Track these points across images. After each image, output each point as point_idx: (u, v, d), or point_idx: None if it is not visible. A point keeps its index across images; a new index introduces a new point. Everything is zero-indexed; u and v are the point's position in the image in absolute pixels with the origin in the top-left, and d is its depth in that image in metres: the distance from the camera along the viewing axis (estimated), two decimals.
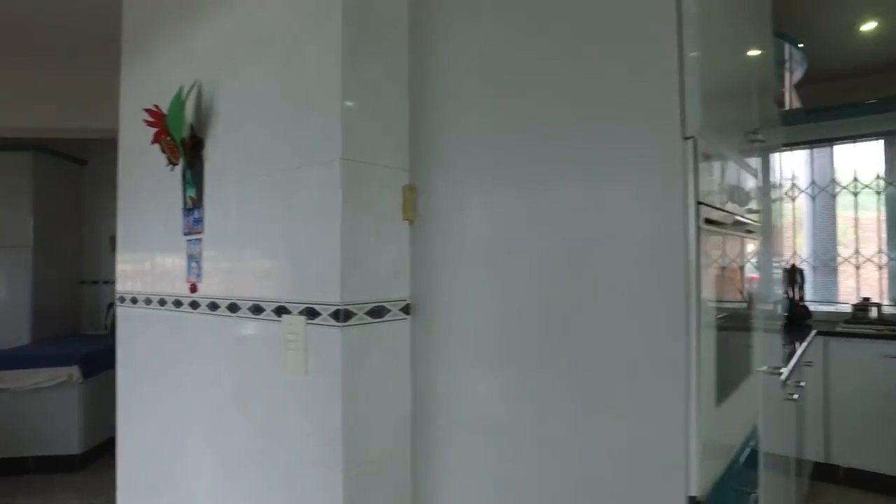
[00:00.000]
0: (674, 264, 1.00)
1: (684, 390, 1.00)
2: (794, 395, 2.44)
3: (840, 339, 3.54)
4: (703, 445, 1.01)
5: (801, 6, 3.06)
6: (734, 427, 1.27)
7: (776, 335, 1.95)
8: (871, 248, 4.08)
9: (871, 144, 4.09)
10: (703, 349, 1.01)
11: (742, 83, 1.46)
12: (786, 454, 2.48)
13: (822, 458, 3.57)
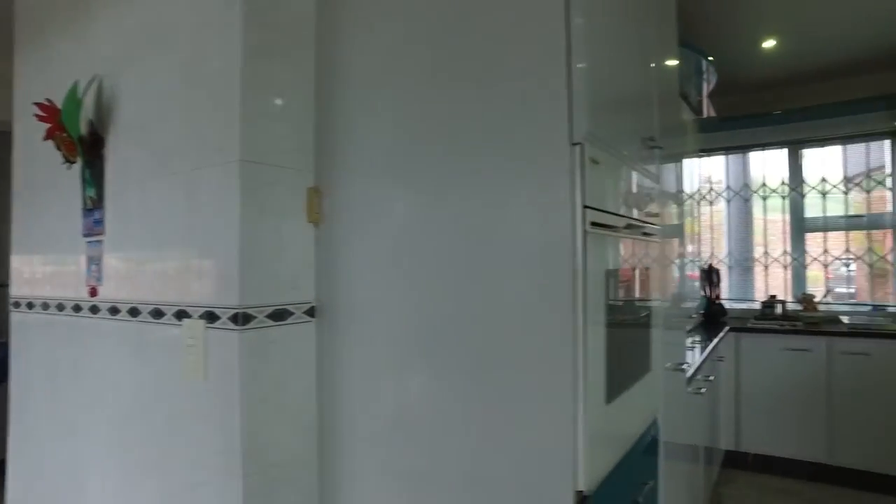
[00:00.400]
0: (561, 266, 1.04)
1: (571, 389, 1.04)
2: (702, 389, 2.57)
3: (749, 334, 3.75)
4: (591, 442, 1.06)
5: (709, 23, 3.23)
6: (629, 422, 1.33)
7: (682, 333, 2.05)
8: (779, 249, 4.35)
9: (777, 153, 4.36)
10: (590, 349, 1.05)
11: (640, 92, 1.52)
12: (695, 444, 2.61)
13: (732, 446, 3.78)
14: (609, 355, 1.16)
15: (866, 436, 3.42)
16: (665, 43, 1.99)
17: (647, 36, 1.63)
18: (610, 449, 1.19)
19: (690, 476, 2.43)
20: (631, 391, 1.31)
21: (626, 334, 1.28)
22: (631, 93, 1.41)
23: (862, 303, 4.10)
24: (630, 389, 1.31)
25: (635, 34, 1.49)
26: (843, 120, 4.05)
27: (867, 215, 4.09)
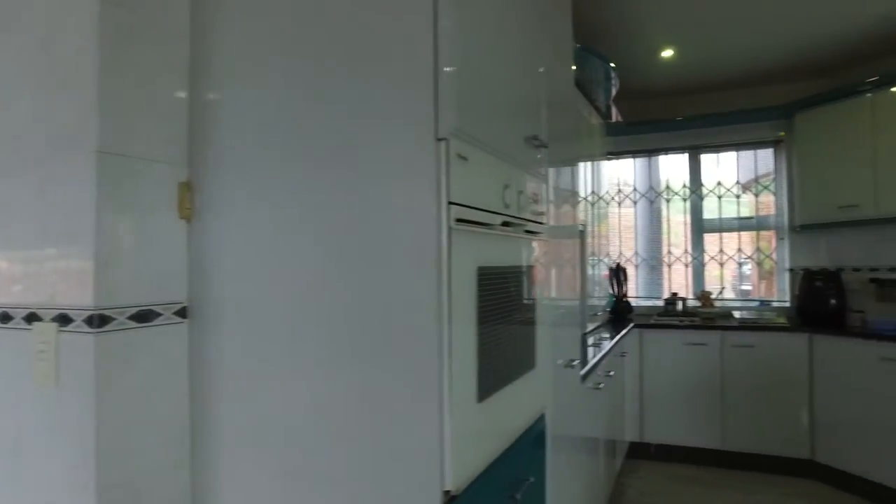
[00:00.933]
0: (425, 263, 1.03)
1: (436, 387, 1.03)
2: (601, 385, 2.66)
3: (652, 330, 3.93)
4: (459, 440, 1.05)
5: (610, 31, 3.36)
6: (508, 419, 1.34)
7: (576, 330, 2.10)
8: (682, 248, 4.59)
9: (680, 157, 4.60)
10: (456, 347, 1.05)
11: (525, 94, 1.54)
12: (595, 437, 2.70)
13: (637, 437, 3.94)
14: (481, 353, 1.16)
15: (753, 421, 3.66)
16: (559, 48, 2.04)
17: (535, 41, 1.66)
18: (484, 447, 1.19)
19: (589, 468, 2.51)
20: (510, 388, 1.32)
21: (503, 332, 1.29)
22: (512, 93, 1.42)
23: (752, 298, 4.39)
24: (509, 387, 1.32)
25: (518, 38, 1.50)
26: (735, 128, 4.32)
27: (756, 217, 4.38)
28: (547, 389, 1.66)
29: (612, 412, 3.20)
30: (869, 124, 3.55)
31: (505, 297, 1.30)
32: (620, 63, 3.73)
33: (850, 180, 3.65)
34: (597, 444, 2.72)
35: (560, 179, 2.08)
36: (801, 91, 4.02)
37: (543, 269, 1.65)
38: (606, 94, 3.73)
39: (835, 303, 3.72)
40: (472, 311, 1.13)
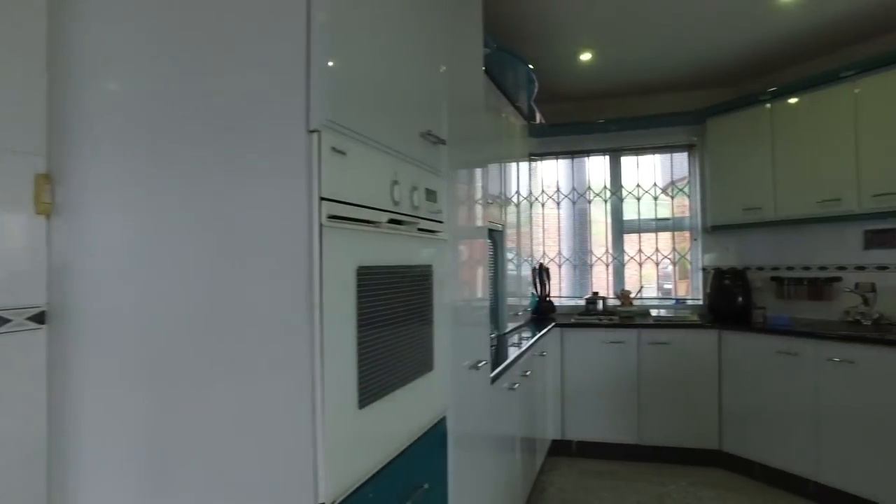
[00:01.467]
0: (296, 262, 0.97)
1: (309, 394, 0.97)
2: (516, 385, 2.67)
3: (573, 329, 4.00)
4: (335, 450, 1.00)
5: (531, 33, 3.38)
6: (398, 425, 1.29)
7: (483, 330, 2.09)
8: (603, 248, 4.70)
9: (601, 159, 4.71)
10: (331, 351, 0.99)
11: (422, 91, 1.50)
12: (512, 436, 2.70)
13: (559, 435, 4.00)
14: (363, 357, 1.11)
15: (667, 416, 3.79)
16: (467, 48, 2.02)
17: (436, 39, 1.62)
18: (367, 454, 1.14)
19: (504, 468, 2.50)
20: (400, 393, 1.28)
21: (392, 334, 1.24)
22: (404, 89, 1.38)
23: (669, 297, 4.55)
24: (399, 391, 1.27)
25: (414, 35, 1.46)
26: (653, 132, 4.47)
27: (673, 219, 4.55)
28: (448, 392, 1.63)
29: (531, 411, 3.23)
30: (769, 132, 3.75)
31: (393, 298, 1.25)
32: (542, 65, 3.78)
33: (753, 184, 3.84)
34: (513, 444, 2.72)
35: (473, 179, 2.06)
36: (713, 98, 4.21)
37: (446, 269, 1.62)
38: (528, 95, 3.76)
39: (741, 300, 3.90)
40: (351, 312, 1.08)
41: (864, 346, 2.97)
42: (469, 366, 1.84)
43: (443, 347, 1.57)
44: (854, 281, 3.54)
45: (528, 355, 3.04)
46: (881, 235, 3.51)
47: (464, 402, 1.80)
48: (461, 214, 1.89)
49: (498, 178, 3.40)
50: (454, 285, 1.74)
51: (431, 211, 1.50)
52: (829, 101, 3.45)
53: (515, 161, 3.92)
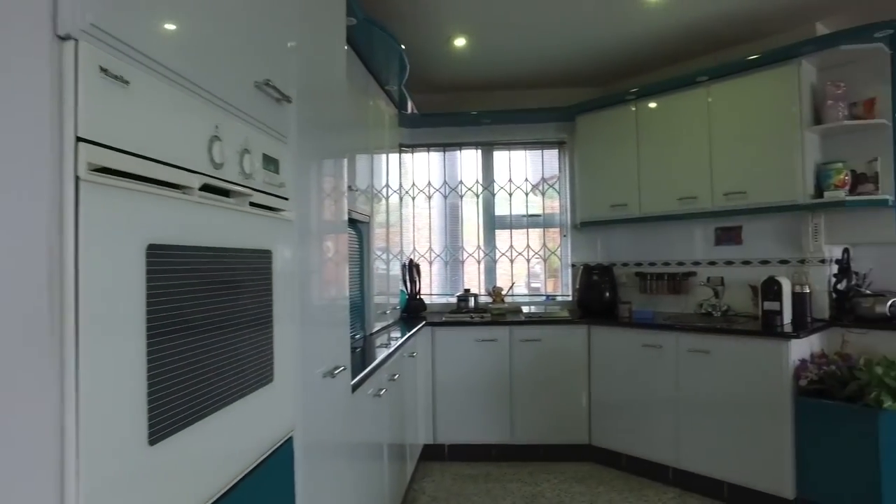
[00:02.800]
0: (33, 233, 0.64)
1: (56, 429, 0.64)
2: (382, 391, 2.41)
3: (444, 328, 3.82)
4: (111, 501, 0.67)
5: (402, 13, 3.15)
6: (221, 456, 0.98)
7: (342, 332, 1.80)
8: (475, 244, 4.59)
9: (474, 153, 4.60)
10: (97, 369, 0.67)
11: (262, 30, 1.20)
12: (377, 447, 2.44)
13: (431, 439, 3.80)
14: (158, 375, 0.79)
15: (539, 413, 3.74)
16: (330, 26, 1.73)
17: None
18: (171, 498, 0.82)
19: (369, 481, 2.23)
20: (222, 415, 0.97)
21: (208, 341, 0.93)
22: (236, 19, 1.07)
23: (540, 293, 4.55)
24: (220, 413, 0.96)
25: None
26: (525, 127, 4.44)
27: (544, 215, 4.56)
28: (295, 407, 1.33)
29: (401, 417, 2.99)
30: (634, 132, 3.84)
31: (210, 291, 0.94)
32: (415, 49, 3.56)
33: (620, 182, 3.92)
34: (379, 454, 2.46)
35: (333, 155, 1.76)
36: (585, 97, 4.24)
37: (293, 258, 1.32)
38: (399, 79, 3.52)
39: (609, 295, 3.96)
40: (136, 311, 0.75)
41: (717, 336, 3.09)
42: (324, 373, 1.55)
43: (288, 354, 1.27)
44: (706, 275, 3.72)
45: (396, 357, 2.80)
46: (728, 232, 3.72)
47: (318, 416, 1.51)
48: (316, 196, 1.59)
49: (367, 168, 3.14)
50: (306, 278, 1.44)
51: (272, 183, 1.19)
52: (686, 104, 3.59)
53: (385, 151, 3.67)
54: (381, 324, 3.36)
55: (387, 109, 3.69)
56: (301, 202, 1.42)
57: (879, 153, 3.07)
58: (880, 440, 2.56)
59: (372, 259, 3.17)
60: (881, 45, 3.01)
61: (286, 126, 1.30)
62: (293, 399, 1.31)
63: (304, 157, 1.46)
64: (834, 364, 2.78)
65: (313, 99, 1.55)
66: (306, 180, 1.49)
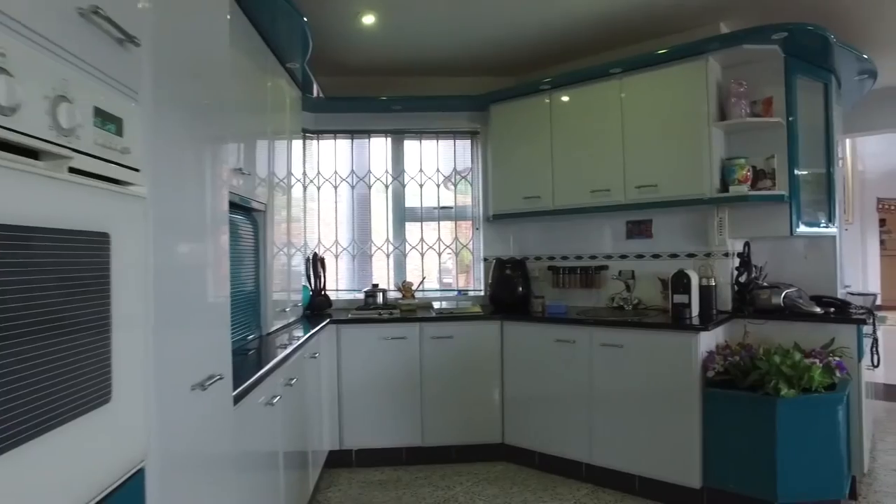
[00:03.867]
0: None
1: None
2: (276, 399, 2.14)
3: (350, 326, 3.58)
4: None
5: None
6: None
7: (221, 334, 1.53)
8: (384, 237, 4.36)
9: (383, 141, 4.37)
10: None
11: None
12: (272, 459, 2.18)
13: (337, 445, 3.55)
14: None
15: (451, 413, 3.59)
16: None
17: None
18: None
19: (258, 495, 1.97)
20: (26, 450, 0.70)
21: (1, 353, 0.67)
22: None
23: (452, 288, 4.40)
24: (21, 450, 0.70)
25: None
26: (437, 115, 4.26)
27: (455, 207, 4.41)
28: (148, 430, 1.06)
29: (301, 423, 2.73)
30: (548, 122, 3.77)
31: (6, 287, 0.67)
32: (320, 24, 3.28)
33: (533, 174, 3.84)
34: (274, 465, 2.20)
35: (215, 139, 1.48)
36: (498, 86, 4.11)
37: (145, 247, 1.05)
38: (302, 55, 3.22)
39: (522, 290, 3.87)
40: None
41: (629, 330, 3.07)
42: (193, 385, 1.29)
43: (133, 366, 1.00)
44: (618, 269, 3.72)
45: (295, 359, 2.54)
46: (639, 226, 3.74)
47: (185, 437, 1.24)
48: (191, 172, 1.32)
49: (265, 153, 2.84)
50: (166, 271, 1.17)
51: (110, 147, 0.92)
52: (599, 96, 3.55)
53: (287, 136, 3.37)
54: (281, 322, 3.07)
55: (289, 90, 3.39)
56: (162, 176, 1.15)
57: (776, 150, 3.17)
58: (778, 426, 2.62)
59: (269, 252, 2.88)
60: (776, 47, 3.10)
61: (134, 78, 1.02)
62: (145, 421, 1.04)
63: (166, 122, 1.19)
64: (738, 355, 2.82)
65: (181, 52, 1.28)
66: (172, 151, 1.22)
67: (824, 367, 2.72)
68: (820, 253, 3.42)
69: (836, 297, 3.28)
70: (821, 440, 2.69)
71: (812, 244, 3.43)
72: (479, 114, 4.21)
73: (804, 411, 2.66)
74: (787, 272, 3.44)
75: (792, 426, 2.63)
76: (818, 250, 3.43)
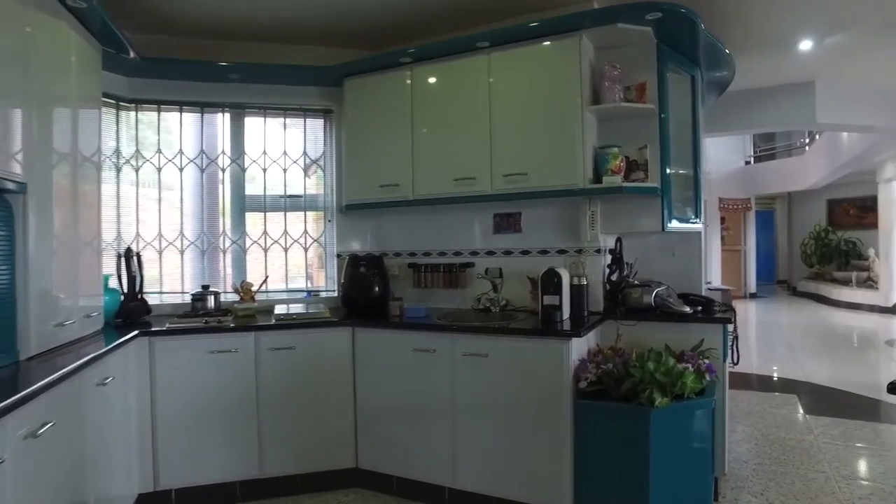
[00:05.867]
0: None
1: None
2: (4, 458, 1.48)
3: (167, 338, 2.89)
4: None
5: None
6: None
7: None
8: (218, 229, 3.68)
9: (219, 116, 3.69)
10: None
11: None
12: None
13: (150, 486, 2.86)
14: None
15: (295, 438, 3.04)
16: None
17: None
18: None
19: None
20: None
21: None
22: None
23: (300, 289, 3.83)
24: None
25: None
26: (285, 90, 3.67)
27: (305, 196, 3.84)
28: None
29: (78, 471, 2.05)
30: (408, 101, 3.34)
31: None
32: None
33: (391, 159, 3.39)
34: None
35: None
36: (354, 58, 3.59)
37: None
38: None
39: (378, 290, 3.41)
40: None
41: (496, 337, 2.73)
42: None
43: None
44: (485, 266, 3.38)
45: (67, 389, 1.88)
46: (507, 219, 3.43)
47: None
48: None
49: (31, 121, 2.11)
50: None
51: None
52: (466, 73, 3.18)
53: (73, 102, 2.60)
54: (61, 339, 2.35)
55: (76, 41, 2.61)
56: None
57: (649, 140, 2.99)
58: (651, 437, 2.40)
59: (33, 246, 2.14)
60: (650, 30, 2.91)
61: None
62: None
63: None
64: (611, 361, 2.58)
65: None
66: None
67: (696, 372, 2.55)
68: (687, 249, 3.32)
69: (701, 295, 3.19)
70: (692, 448, 2.54)
71: (680, 240, 3.32)
72: (333, 90, 3.67)
73: (677, 420, 2.47)
74: (655, 269, 3.30)
75: (665, 436, 2.43)
76: (686, 247, 3.32)
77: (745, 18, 3.75)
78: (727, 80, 3.94)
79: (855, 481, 3.12)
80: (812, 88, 5.39)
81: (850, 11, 3.74)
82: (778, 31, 4.08)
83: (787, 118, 5.75)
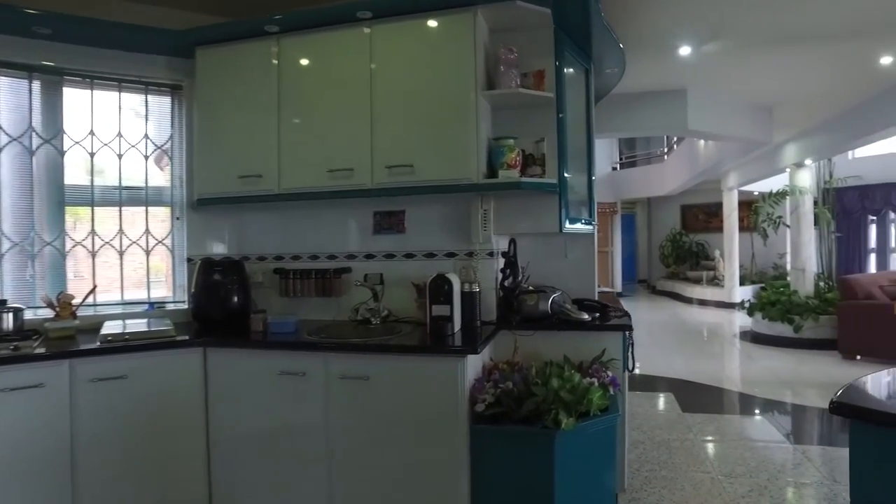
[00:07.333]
0: None
1: None
2: None
3: None
4: None
5: None
6: None
7: None
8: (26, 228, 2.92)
9: (24, 84, 2.92)
10: None
11: None
12: None
13: None
14: None
15: (125, 493, 2.42)
16: None
17: None
18: None
19: None
20: None
21: None
22: None
23: (139, 301, 3.15)
24: None
25: None
26: (120, 56, 2.99)
27: (148, 188, 3.17)
28: None
29: None
30: (274, 79, 2.83)
31: None
32: None
33: (253, 145, 2.87)
34: None
35: None
36: (210, 23, 3.00)
37: None
38: None
39: (237, 301, 2.86)
40: None
41: (377, 357, 2.34)
42: None
43: None
44: (363, 272, 2.96)
45: None
46: (389, 218, 3.05)
47: None
48: None
49: None
50: None
51: None
52: (343, 47, 2.75)
53: None
54: None
55: None
56: None
57: (545, 133, 2.75)
58: (555, 462, 2.15)
59: None
60: (549, 12, 2.66)
61: None
62: None
63: None
64: (510, 380, 2.28)
65: None
66: None
67: (601, 386, 2.33)
68: (581, 252, 3.15)
69: (596, 301, 3.03)
70: (596, 468, 2.35)
71: (572, 242, 3.14)
72: (183, 61, 3.06)
73: (583, 441, 2.24)
74: (547, 274, 3.09)
75: (570, 460, 2.19)
76: (579, 249, 3.15)
77: (638, 19, 3.71)
78: (614, 82, 3.85)
79: (736, 479, 3.17)
80: (684, 96, 5.58)
81: (724, 19, 3.82)
82: (662, 31, 4.09)
83: (661, 123, 5.94)
